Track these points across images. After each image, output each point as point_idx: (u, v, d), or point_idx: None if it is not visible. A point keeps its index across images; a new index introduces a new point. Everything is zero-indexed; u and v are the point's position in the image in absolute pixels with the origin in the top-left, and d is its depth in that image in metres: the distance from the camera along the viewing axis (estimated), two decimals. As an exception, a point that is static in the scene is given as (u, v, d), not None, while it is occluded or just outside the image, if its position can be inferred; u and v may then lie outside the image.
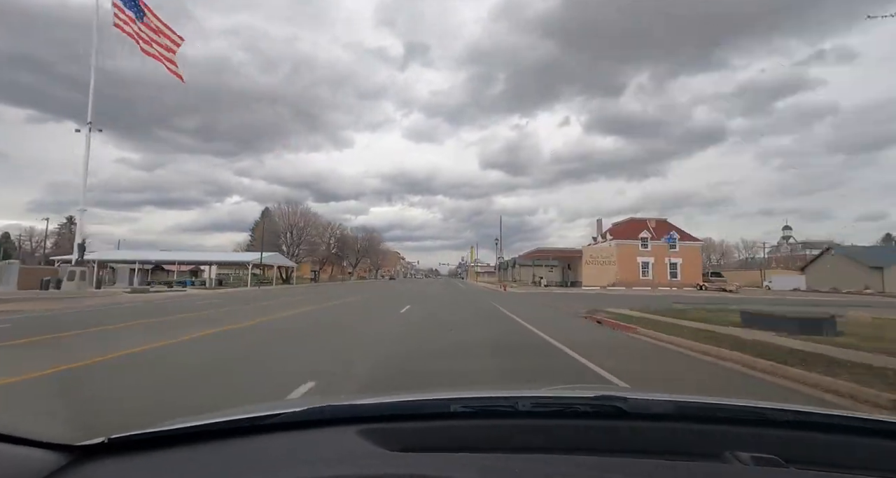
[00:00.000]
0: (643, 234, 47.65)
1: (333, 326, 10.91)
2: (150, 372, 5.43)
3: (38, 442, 0.87)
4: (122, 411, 3.77)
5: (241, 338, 8.47)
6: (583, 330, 10.65)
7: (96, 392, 4.50)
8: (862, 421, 1.08)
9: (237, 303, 18.55)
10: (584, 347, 7.45)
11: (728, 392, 4.94)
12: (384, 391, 4.17)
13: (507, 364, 6.21)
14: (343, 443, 0.98)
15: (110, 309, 14.92)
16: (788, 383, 5.21)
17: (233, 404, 1.45)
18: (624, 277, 45.50)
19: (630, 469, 0.85)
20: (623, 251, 46.56)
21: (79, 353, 6.38)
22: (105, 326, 9.88)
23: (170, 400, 4.24)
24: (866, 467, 0.94)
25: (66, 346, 7.41)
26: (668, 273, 46.83)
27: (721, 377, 5.76)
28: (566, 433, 1.07)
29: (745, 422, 1.10)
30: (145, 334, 8.59)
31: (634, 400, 1.12)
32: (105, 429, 0.97)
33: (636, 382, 5.31)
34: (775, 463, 0.88)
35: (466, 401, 1.18)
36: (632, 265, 46.40)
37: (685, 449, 1.01)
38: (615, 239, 48.02)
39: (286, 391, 4.35)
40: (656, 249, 46.84)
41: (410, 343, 8.18)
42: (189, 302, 18.88)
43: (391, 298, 23.65)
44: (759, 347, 6.89)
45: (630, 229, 48.98)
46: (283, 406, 1.13)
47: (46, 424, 3.42)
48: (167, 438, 0.97)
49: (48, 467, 0.83)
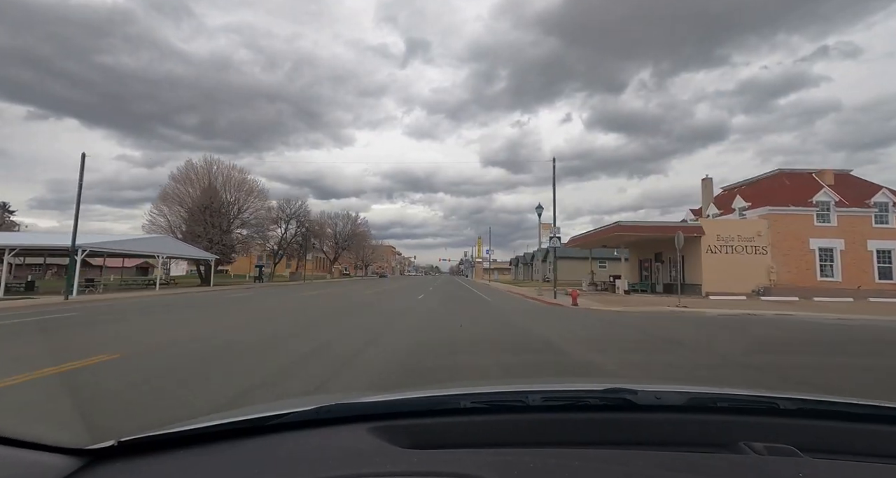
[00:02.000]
0: (820, 196, 25.74)
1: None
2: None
3: (48, 446, 0.86)
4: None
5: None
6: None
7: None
8: (873, 408, 1.07)
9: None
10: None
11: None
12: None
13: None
14: (353, 441, 0.96)
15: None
16: None
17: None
18: (788, 276, 24.15)
19: (645, 461, 0.83)
20: (783, 227, 24.78)
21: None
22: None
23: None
24: (878, 453, 0.94)
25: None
26: (873, 269, 25.01)
27: None
28: (577, 427, 1.06)
29: (755, 412, 1.09)
30: None
31: (644, 392, 1.11)
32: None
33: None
34: (790, 452, 0.88)
35: (476, 396, 1.16)
36: (800, 253, 24.70)
37: (698, 440, 1.00)
38: (760, 207, 25.92)
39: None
40: (847, 224, 25.12)
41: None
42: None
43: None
44: None
45: (787, 191, 26.60)
46: (293, 405, 1.10)
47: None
48: (177, 439, 0.95)
49: (59, 472, 0.81)
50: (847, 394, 1.27)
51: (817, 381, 5.14)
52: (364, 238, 78.29)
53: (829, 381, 5.23)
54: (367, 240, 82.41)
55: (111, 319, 10.81)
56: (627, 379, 3.95)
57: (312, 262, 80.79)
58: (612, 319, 12.19)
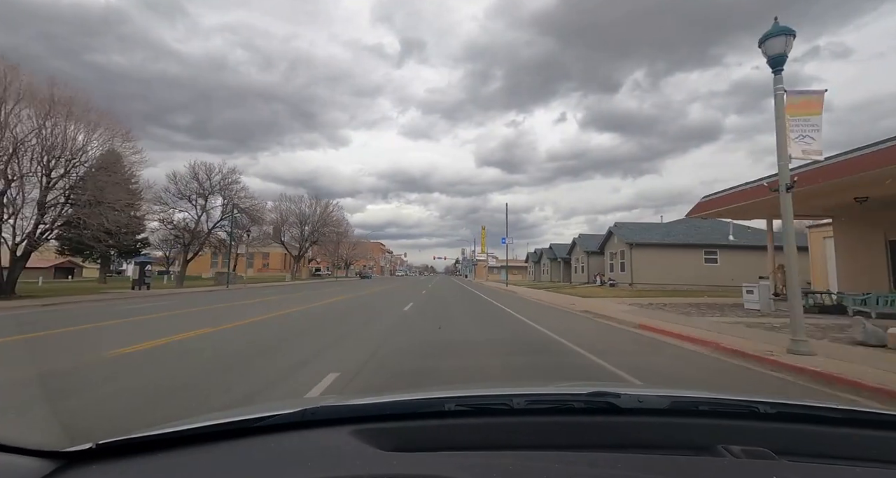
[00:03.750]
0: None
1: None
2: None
3: (23, 449, 0.85)
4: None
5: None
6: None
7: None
8: (848, 412, 1.09)
9: None
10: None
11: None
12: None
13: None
14: (335, 443, 0.95)
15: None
16: None
17: None
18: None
19: (622, 464, 0.84)
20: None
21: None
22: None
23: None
24: (853, 457, 0.96)
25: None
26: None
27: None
28: (561, 430, 1.06)
29: (736, 416, 1.10)
30: None
31: (628, 396, 1.12)
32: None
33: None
34: (765, 455, 0.89)
35: (461, 399, 1.15)
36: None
37: (678, 443, 1.01)
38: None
39: None
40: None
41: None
42: None
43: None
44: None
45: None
46: (277, 408, 1.09)
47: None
48: (159, 442, 0.94)
49: (30, 475, 0.80)
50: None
51: None
52: (339, 227, 63.42)
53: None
54: (345, 232, 67.37)
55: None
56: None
57: (281, 259, 65.24)
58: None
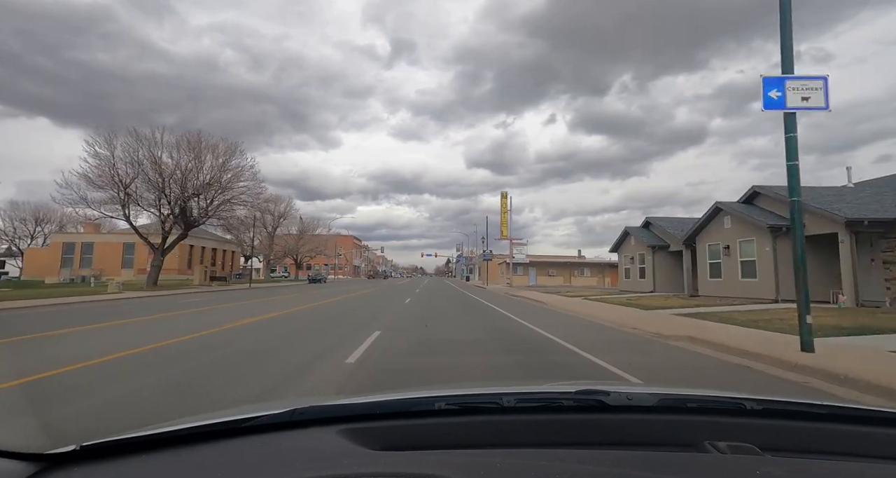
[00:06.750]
0: None
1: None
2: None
3: (3, 452, 0.84)
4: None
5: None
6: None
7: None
8: (832, 408, 1.10)
9: None
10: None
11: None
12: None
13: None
14: (323, 443, 0.95)
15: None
16: None
17: None
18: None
19: (611, 461, 0.84)
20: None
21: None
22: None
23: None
24: (837, 452, 0.96)
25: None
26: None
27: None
28: (550, 428, 1.06)
29: (723, 412, 1.12)
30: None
31: (617, 393, 1.12)
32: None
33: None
34: (751, 451, 0.90)
35: (450, 398, 1.15)
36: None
37: (665, 440, 1.01)
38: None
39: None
40: None
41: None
42: None
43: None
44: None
45: None
46: (266, 408, 1.08)
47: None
48: (146, 443, 0.92)
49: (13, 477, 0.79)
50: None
51: None
52: (274, 204, 42.16)
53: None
54: (283, 210, 45.14)
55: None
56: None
57: (183, 255, 36.82)
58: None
